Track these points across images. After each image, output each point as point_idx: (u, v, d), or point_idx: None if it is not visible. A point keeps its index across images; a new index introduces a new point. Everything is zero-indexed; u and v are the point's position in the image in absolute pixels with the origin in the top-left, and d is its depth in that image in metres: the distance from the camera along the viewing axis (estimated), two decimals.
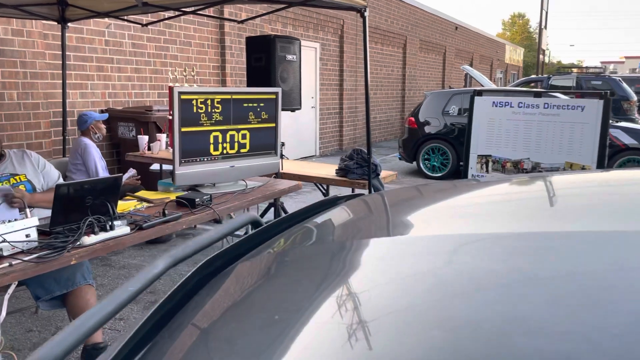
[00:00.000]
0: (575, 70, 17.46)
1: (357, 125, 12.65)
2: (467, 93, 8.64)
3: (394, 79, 14.70)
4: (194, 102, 3.20)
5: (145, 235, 2.52)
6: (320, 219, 1.22)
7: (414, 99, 15.93)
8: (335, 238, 1.01)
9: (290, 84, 3.93)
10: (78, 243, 2.23)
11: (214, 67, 8.24)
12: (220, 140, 3.37)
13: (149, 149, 5.17)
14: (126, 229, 2.44)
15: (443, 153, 8.48)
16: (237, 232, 3.77)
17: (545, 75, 14.50)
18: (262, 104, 3.55)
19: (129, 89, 6.79)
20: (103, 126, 4.58)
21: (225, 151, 3.41)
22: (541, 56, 32.34)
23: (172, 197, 3.14)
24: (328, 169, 4.31)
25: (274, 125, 3.66)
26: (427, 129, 8.57)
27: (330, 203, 1.61)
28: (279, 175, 3.96)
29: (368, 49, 3.71)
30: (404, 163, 9.29)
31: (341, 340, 0.57)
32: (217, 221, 3.67)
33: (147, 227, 2.53)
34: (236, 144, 3.47)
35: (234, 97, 3.40)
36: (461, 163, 8.40)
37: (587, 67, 15.73)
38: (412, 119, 8.80)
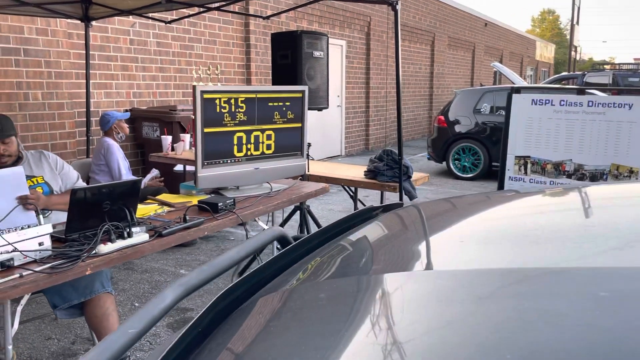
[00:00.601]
0: (607, 67, 16.89)
1: (384, 124, 12.42)
2: (500, 91, 8.35)
3: (421, 76, 14.41)
4: (217, 101, 3.06)
5: (165, 243, 2.38)
6: (353, 240, 1.04)
7: (442, 97, 15.61)
8: (369, 268, 0.83)
9: (317, 82, 3.76)
10: (94, 252, 2.09)
11: (239, 66, 8.13)
12: (244, 141, 3.22)
13: (173, 149, 5.07)
14: (145, 236, 2.30)
15: (474, 153, 8.20)
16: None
17: (579, 72, 14.03)
18: (287, 103, 3.39)
19: (153, 89, 6.72)
20: (126, 125, 4.48)
21: (249, 152, 3.26)
22: (573, 53, 31.51)
23: (194, 200, 3.00)
24: (356, 170, 4.13)
25: (300, 125, 3.49)
26: (457, 128, 8.30)
27: (364, 215, 1.44)
28: (304, 177, 3.79)
29: (400, 43, 3.52)
30: (433, 163, 9.04)
31: None
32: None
33: (167, 234, 2.39)
34: (261, 145, 3.31)
35: (259, 96, 3.24)
36: (494, 163, 8.12)
37: (621, 64, 15.17)
38: (442, 117, 8.54)
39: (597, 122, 3.87)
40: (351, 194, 4.22)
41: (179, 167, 5.45)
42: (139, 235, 2.29)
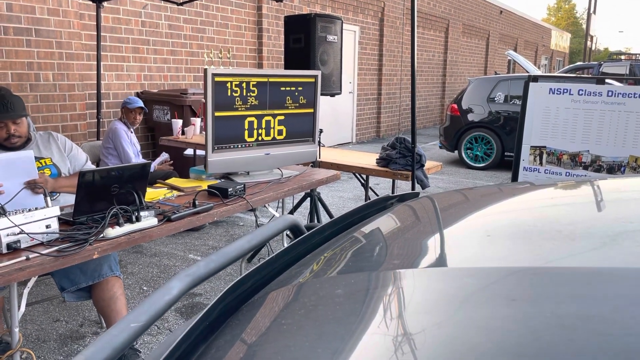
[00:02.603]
0: (623, 57, 16.55)
1: (396, 112, 12.31)
2: (515, 79, 8.21)
3: (434, 64, 14.23)
4: (229, 84, 3.00)
5: (173, 228, 2.35)
6: (370, 232, 0.99)
7: (455, 85, 15.43)
8: (389, 263, 0.78)
9: (330, 66, 3.68)
10: (101, 235, 2.06)
11: (250, 50, 8.05)
12: (255, 126, 3.17)
13: (183, 133, 5.03)
14: (153, 221, 2.27)
15: (487, 142, 8.09)
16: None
17: (595, 62, 13.78)
18: (300, 88, 3.33)
19: (164, 72, 6.67)
20: (140, 118, 4.45)
21: (260, 138, 3.21)
22: (588, 42, 30.97)
23: (204, 185, 2.97)
24: (368, 158, 4.07)
25: (312, 110, 3.43)
26: (470, 117, 8.19)
27: (379, 204, 1.38)
28: (315, 164, 3.74)
29: (416, 29, 3.43)
30: (445, 152, 8.94)
31: None
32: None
33: (176, 218, 2.35)
34: (272, 130, 3.26)
35: (271, 80, 3.18)
36: (506, 153, 8.01)
37: (637, 54, 14.83)
38: (455, 106, 8.43)
39: (616, 112, 3.77)
40: (362, 181, 4.16)
41: (189, 151, 5.42)
42: (148, 220, 2.25)
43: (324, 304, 0.66)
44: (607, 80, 6.63)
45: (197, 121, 5.09)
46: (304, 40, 3.51)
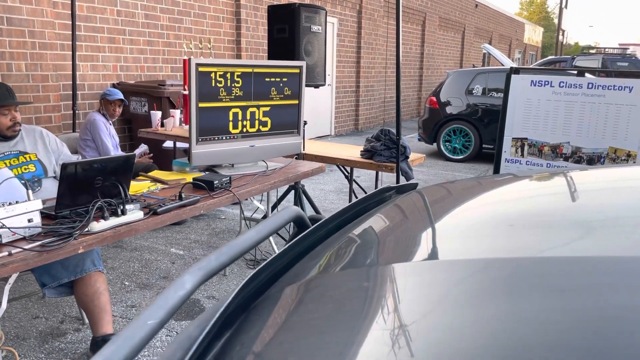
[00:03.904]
0: (593, 51, 16.86)
1: (374, 104, 12.32)
2: (492, 72, 8.29)
3: (412, 57, 14.29)
4: (213, 75, 2.95)
5: (160, 221, 2.29)
6: (383, 224, 0.96)
7: (432, 78, 15.53)
8: (418, 255, 0.76)
9: (314, 57, 3.64)
10: (86, 229, 2.00)
11: (229, 41, 7.94)
12: (240, 117, 3.12)
13: (162, 125, 4.93)
14: (139, 214, 2.21)
15: (465, 135, 8.16)
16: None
17: (568, 56, 14.02)
18: (285, 79, 3.28)
19: (141, 62, 6.53)
20: (119, 110, 4.35)
21: (245, 129, 3.16)
22: (560, 37, 31.50)
23: (188, 178, 2.91)
24: (352, 150, 4.05)
25: (297, 102, 3.40)
26: (448, 110, 8.24)
27: (380, 195, 1.36)
28: (300, 156, 3.71)
29: (392, 23, 3.42)
30: (424, 144, 8.99)
31: None
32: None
33: (163, 212, 2.30)
34: (257, 122, 3.21)
35: (255, 70, 3.13)
36: (484, 145, 8.09)
37: (605, 48, 15.10)
38: (434, 98, 8.47)
39: (596, 104, 3.83)
40: (346, 174, 4.14)
41: (168, 144, 5.33)
42: (133, 213, 2.19)
43: (350, 297, 0.63)
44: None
45: (177, 113, 4.99)
46: (288, 30, 3.47)
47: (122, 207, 2.15)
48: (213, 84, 2.95)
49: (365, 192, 4.31)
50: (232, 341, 0.66)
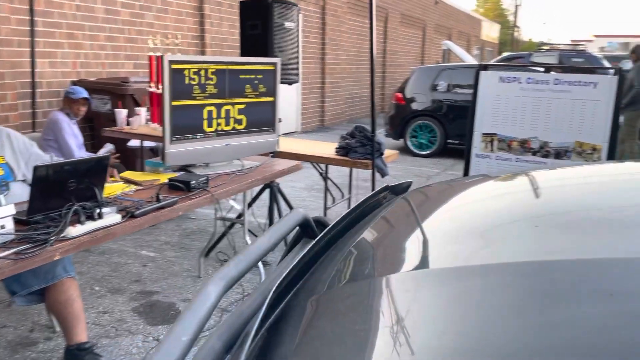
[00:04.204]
0: (546, 47, 17.34)
1: (339, 101, 12.35)
2: (457, 69, 8.43)
3: (375, 53, 14.36)
4: (186, 72, 2.87)
5: (138, 224, 2.22)
6: (398, 227, 0.94)
7: (395, 74, 15.68)
8: (451, 260, 0.74)
9: (288, 54, 3.60)
10: (62, 235, 1.91)
11: (192, 37, 7.79)
12: (214, 115, 3.05)
13: (128, 124, 4.78)
14: (116, 217, 2.13)
15: (431, 130, 8.27)
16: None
17: (527, 52, 14.39)
18: (259, 76, 3.23)
19: (102, 59, 6.33)
20: (84, 109, 4.20)
21: (219, 128, 3.09)
22: (515, 33, 32.33)
23: (163, 178, 2.83)
24: (326, 148, 4.03)
25: (272, 99, 3.35)
26: (414, 106, 8.33)
27: (379, 195, 1.34)
28: (274, 154, 3.66)
29: (355, 19, 3.42)
30: (391, 140, 9.04)
31: None
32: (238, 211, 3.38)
33: (140, 214, 2.22)
34: (231, 120, 3.15)
35: (230, 67, 3.07)
36: (449, 141, 8.22)
37: (557, 44, 15.50)
38: (399, 95, 8.55)
39: (562, 100, 3.92)
40: (320, 171, 4.12)
41: (133, 142, 5.18)
42: (110, 217, 2.11)
43: (405, 304, 0.61)
44: (537, 69, 6.88)
45: (143, 111, 4.85)
46: (261, 26, 3.41)
47: (98, 211, 2.07)
48: (187, 82, 2.88)
49: (340, 190, 4.30)
50: (273, 353, 0.62)
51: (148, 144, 4.90)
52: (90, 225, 2.01)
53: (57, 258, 1.87)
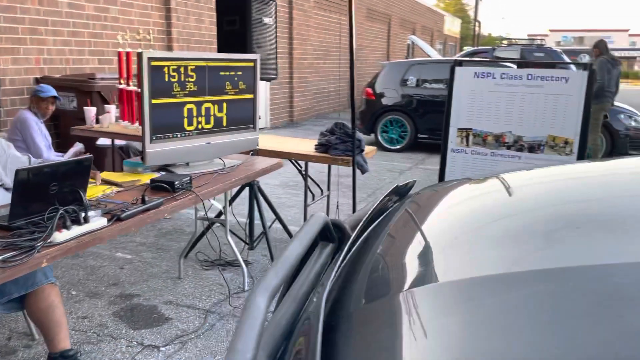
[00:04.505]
0: (505, 42, 17.72)
1: (307, 96, 12.31)
2: (426, 64, 8.52)
3: (342, 48, 14.37)
4: (166, 69, 2.80)
5: (124, 227, 2.15)
6: (413, 231, 0.94)
7: (361, 69, 15.72)
8: (506, 266, 0.74)
9: (266, 50, 3.56)
10: (49, 240, 1.83)
11: (158, 32, 7.61)
12: (194, 113, 2.99)
13: (97, 122, 4.64)
14: (102, 221, 2.06)
15: (401, 125, 8.34)
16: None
17: (490, 47, 14.67)
18: (239, 73, 3.18)
19: (66, 55, 6.12)
20: (52, 108, 4.06)
21: (200, 126, 3.03)
22: (476, 28, 32.96)
23: (144, 179, 2.75)
24: (305, 145, 4.01)
25: (252, 96, 3.31)
26: (384, 101, 8.38)
27: (396, 194, 1.34)
28: (254, 152, 3.62)
29: (321, 14, 3.41)
30: (362, 135, 9.09)
31: None
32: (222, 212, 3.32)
33: (126, 217, 2.15)
34: (212, 118, 3.09)
35: (209, 64, 3.01)
36: (419, 135, 8.31)
37: (517, 39, 15.83)
38: (369, 90, 8.58)
39: (535, 95, 4.01)
40: (299, 168, 4.10)
41: (102, 141, 5.04)
42: (96, 221, 2.04)
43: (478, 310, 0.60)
44: (503, 63, 7.02)
45: (112, 108, 4.72)
46: (239, 22, 3.36)
47: (84, 215, 1.99)
48: (166, 79, 2.81)
49: (320, 187, 4.29)
50: None
51: (118, 142, 4.77)
52: (76, 230, 1.94)
53: (44, 265, 1.80)
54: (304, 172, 3.97)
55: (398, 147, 8.32)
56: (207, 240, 3.89)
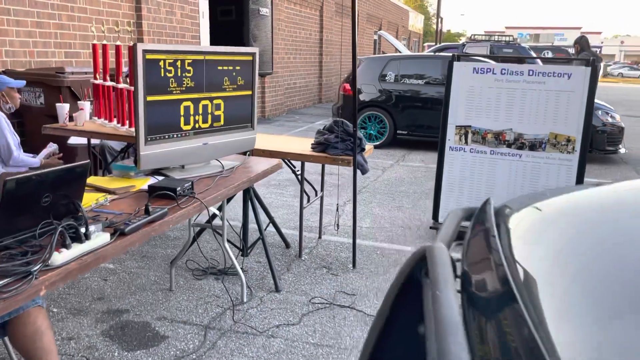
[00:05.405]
0: (463, 38, 17.82)
1: (279, 91, 12.04)
2: (404, 59, 8.39)
3: (312, 43, 14.16)
4: (162, 63, 2.52)
5: (129, 243, 1.88)
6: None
7: (331, 64, 15.55)
8: None
9: (262, 43, 3.31)
10: (47, 264, 1.56)
11: (128, 24, 7.20)
12: (191, 111, 2.72)
13: (71, 119, 4.29)
14: (105, 237, 1.79)
15: (380, 121, 8.19)
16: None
17: (459, 43, 14.72)
18: (238, 68, 2.93)
19: (30, 47, 5.68)
20: (18, 95, 3.69)
21: (197, 125, 2.77)
22: (434, 24, 33.20)
23: (138, 184, 2.48)
24: (301, 144, 3.78)
25: (250, 93, 3.06)
26: (362, 97, 8.21)
27: (482, 212, 1.15)
28: (250, 152, 3.37)
29: (291, 7, 3.22)
30: None
31: None
32: (213, 216, 3.07)
33: (131, 231, 1.89)
34: (209, 117, 2.83)
35: (207, 58, 2.74)
36: (399, 131, 8.18)
37: (474, 35, 15.89)
38: (347, 85, 8.39)
39: (537, 91, 3.91)
40: (292, 168, 3.87)
41: (73, 140, 4.69)
42: (98, 237, 1.77)
43: None
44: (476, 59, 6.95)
45: (86, 105, 4.37)
46: (235, 12, 3.10)
47: (85, 230, 1.72)
48: (162, 74, 2.53)
49: (315, 189, 4.07)
50: None
51: (95, 141, 4.44)
52: (77, 249, 1.67)
53: (42, 293, 1.53)
54: (298, 173, 3.74)
55: (377, 143, 8.17)
56: (197, 247, 3.64)
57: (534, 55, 13.80)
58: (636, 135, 9.92)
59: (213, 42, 3.25)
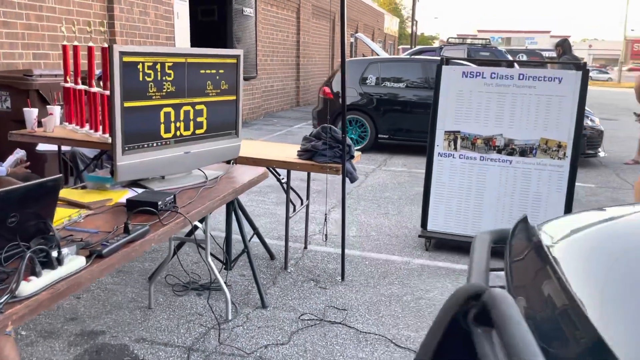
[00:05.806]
0: (436, 42, 17.90)
1: (256, 94, 11.84)
2: (385, 62, 8.30)
3: (289, 45, 13.99)
4: (140, 66, 2.33)
5: (107, 266, 1.69)
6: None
7: (308, 66, 15.41)
8: None
9: (246, 44, 3.13)
10: (15, 294, 1.37)
11: (101, 24, 6.92)
12: (172, 118, 2.54)
13: (40, 125, 4.04)
14: (80, 260, 1.60)
15: (361, 125, 8.07)
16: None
17: (438, 46, 14.74)
18: (221, 71, 2.75)
19: None
20: None
21: (178, 133, 2.58)
22: (409, 28, 33.41)
23: (115, 197, 2.28)
24: (284, 150, 3.62)
25: (234, 98, 2.88)
26: None
27: (520, 230, 1.01)
28: (235, 160, 3.19)
29: (268, 9, 3.09)
30: None
31: None
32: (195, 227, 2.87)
33: (109, 253, 1.70)
34: (191, 123, 2.65)
35: (189, 60, 2.56)
36: (380, 135, 8.07)
37: (448, 38, 15.95)
38: (327, 88, 8.25)
39: (527, 95, 3.83)
40: (277, 176, 3.70)
41: (42, 147, 4.44)
42: (72, 260, 1.58)
43: None
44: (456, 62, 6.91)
45: (56, 110, 4.12)
46: (217, 12, 2.92)
47: (57, 255, 1.53)
48: (141, 78, 2.35)
49: (300, 196, 3.90)
50: None
51: (66, 148, 4.19)
52: (49, 276, 1.48)
53: (9, 329, 1.33)
54: (284, 181, 3.58)
55: (358, 147, 8.04)
56: (176, 260, 3.44)
57: (511, 58, 13.92)
58: (613, 138, 10.02)
59: (194, 43, 3.07)
